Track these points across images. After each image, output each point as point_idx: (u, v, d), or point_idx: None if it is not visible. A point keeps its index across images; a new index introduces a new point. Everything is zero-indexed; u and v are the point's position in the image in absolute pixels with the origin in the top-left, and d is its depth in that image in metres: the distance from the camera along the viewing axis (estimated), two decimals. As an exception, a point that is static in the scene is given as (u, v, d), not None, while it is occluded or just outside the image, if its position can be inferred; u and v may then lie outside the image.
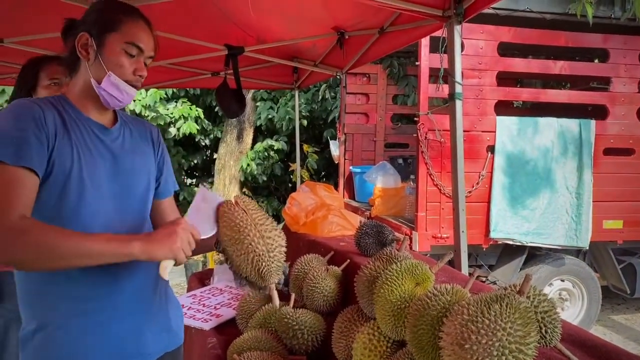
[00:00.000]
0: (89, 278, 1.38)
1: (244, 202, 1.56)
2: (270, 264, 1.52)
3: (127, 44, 1.41)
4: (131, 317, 1.48)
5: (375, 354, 1.56)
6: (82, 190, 1.37)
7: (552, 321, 1.28)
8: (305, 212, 3.05)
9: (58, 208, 1.34)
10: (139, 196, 1.55)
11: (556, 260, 4.80)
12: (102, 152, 1.45)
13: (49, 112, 1.36)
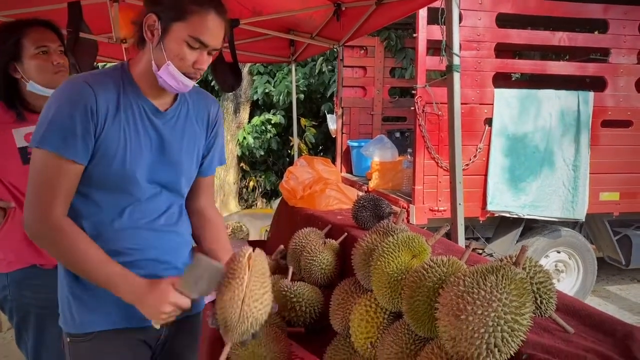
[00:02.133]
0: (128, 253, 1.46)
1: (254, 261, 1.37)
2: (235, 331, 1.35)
3: (190, 37, 1.35)
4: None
5: (372, 325, 1.58)
6: (123, 173, 1.41)
7: (548, 292, 1.29)
8: (302, 186, 3.06)
9: (97, 182, 1.41)
10: (180, 178, 1.54)
11: (552, 232, 4.82)
12: (150, 135, 1.45)
13: (103, 95, 1.36)
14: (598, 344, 1.22)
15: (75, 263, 1.37)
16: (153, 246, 1.50)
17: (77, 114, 1.32)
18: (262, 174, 9.56)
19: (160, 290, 1.33)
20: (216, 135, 1.64)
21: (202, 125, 1.59)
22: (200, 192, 1.67)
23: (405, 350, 1.41)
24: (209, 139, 1.62)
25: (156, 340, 1.57)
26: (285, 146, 9.38)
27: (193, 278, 1.34)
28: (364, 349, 1.58)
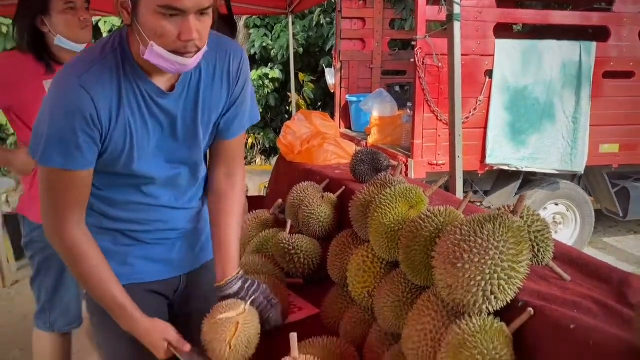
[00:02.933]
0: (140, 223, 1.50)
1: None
2: None
3: (159, 6, 1.14)
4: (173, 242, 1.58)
5: (369, 274, 1.59)
6: (131, 169, 1.37)
7: (545, 240, 1.29)
8: (300, 140, 3.03)
9: (105, 172, 1.37)
10: (197, 152, 1.47)
11: (551, 184, 4.83)
12: (159, 119, 1.36)
13: (102, 98, 1.24)
14: (594, 290, 1.23)
15: (81, 281, 1.40)
16: (163, 220, 1.52)
17: (77, 126, 1.22)
18: (261, 131, 9.51)
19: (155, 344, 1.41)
20: (242, 90, 1.47)
21: (223, 83, 1.43)
22: (217, 153, 1.56)
23: (402, 299, 1.42)
24: (231, 97, 1.46)
25: (173, 291, 1.60)
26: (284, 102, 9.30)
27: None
28: (361, 298, 1.60)
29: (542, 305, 1.13)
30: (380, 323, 1.50)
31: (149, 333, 1.40)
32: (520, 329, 1.13)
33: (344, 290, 1.81)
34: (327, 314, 1.85)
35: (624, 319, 1.08)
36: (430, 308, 1.27)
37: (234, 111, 1.48)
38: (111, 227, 1.47)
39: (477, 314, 1.15)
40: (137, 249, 1.50)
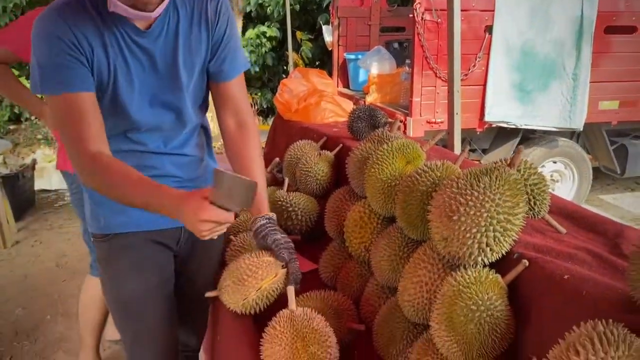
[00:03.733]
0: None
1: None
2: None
3: None
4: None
5: (366, 230, 1.60)
6: (116, 106, 1.39)
7: (541, 193, 1.29)
8: (297, 98, 3.00)
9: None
10: (181, 96, 1.47)
11: (549, 142, 4.81)
12: (139, 58, 1.38)
13: (79, 26, 1.28)
14: (589, 242, 1.24)
15: (115, 193, 1.35)
16: (154, 167, 1.53)
17: (61, 50, 1.27)
18: (258, 91, 9.40)
19: (193, 207, 1.22)
20: (224, 32, 1.48)
21: (202, 27, 1.45)
22: (222, 103, 1.57)
23: (398, 253, 1.43)
24: (213, 39, 1.48)
25: (176, 241, 1.63)
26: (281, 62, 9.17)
27: (225, 192, 1.21)
28: (358, 252, 1.61)
29: (537, 256, 1.14)
30: (376, 277, 1.52)
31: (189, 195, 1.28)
32: (515, 280, 1.14)
33: (341, 245, 1.83)
34: (324, 269, 1.87)
35: (617, 269, 1.09)
36: (426, 261, 1.28)
37: (221, 53, 1.50)
38: None
39: (473, 265, 1.16)
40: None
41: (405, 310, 1.31)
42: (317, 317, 1.32)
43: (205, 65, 1.50)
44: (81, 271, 3.74)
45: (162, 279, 1.60)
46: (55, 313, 3.31)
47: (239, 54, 1.56)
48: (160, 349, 1.63)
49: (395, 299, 1.40)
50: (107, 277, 1.59)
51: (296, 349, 1.24)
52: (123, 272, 1.56)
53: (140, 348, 1.62)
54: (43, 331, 3.12)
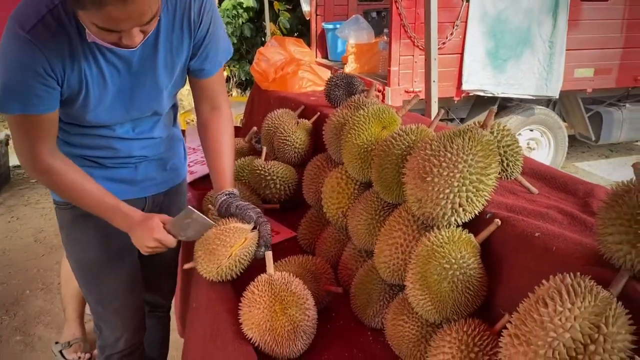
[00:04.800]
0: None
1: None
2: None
3: (94, 25, 1.12)
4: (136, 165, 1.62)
5: (343, 195, 1.61)
6: (85, 109, 1.38)
7: (514, 154, 1.31)
8: (274, 67, 2.96)
9: (67, 114, 1.40)
10: (159, 97, 1.48)
11: (526, 110, 4.87)
12: (115, 64, 1.34)
13: (53, 50, 1.22)
14: (560, 202, 1.26)
15: (72, 199, 1.45)
16: (121, 149, 1.55)
17: (32, 79, 1.23)
18: (236, 63, 9.26)
19: (149, 226, 1.40)
20: (207, 31, 1.45)
21: (184, 28, 1.41)
22: (200, 94, 1.60)
23: (375, 217, 1.45)
24: (195, 40, 1.45)
25: (141, 210, 1.61)
26: (259, 33, 9.02)
27: (182, 225, 1.44)
28: (335, 218, 1.63)
29: (509, 216, 1.16)
30: (354, 241, 1.54)
31: (147, 218, 1.44)
32: (487, 239, 1.16)
33: (319, 212, 1.84)
34: (303, 236, 1.88)
35: (587, 226, 1.12)
36: (401, 223, 1.30)
37: (202, 52, 1.48)
38: (72, 153, 1.48)
39: (446, 226, 1.18)
40: (100, 171, 1.52)
41: (381, 272, 1.34)
42: (295, 280, 1.33)
43: (186, 64, 1.49)
44: (59, 245, 3.71)
45: (126, 245, 1.61)
46: (35, 287, 3.29)
47: (221, 47, 1.54)
48: (126, 311, 1.68)
49: (372, 261, 1.42)
50: (70, 243, 1.62)
51: (274, 311, 1.25)
52: (86, 238, 1.58)
53: (104, 310, 1.67)
54: (23, 306, 3.10)
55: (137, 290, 1.71)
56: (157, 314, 1.96)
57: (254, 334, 1.25)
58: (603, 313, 0.81)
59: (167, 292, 1.95)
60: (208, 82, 1.58)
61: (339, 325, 1.47)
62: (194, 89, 1.61)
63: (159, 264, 1.82)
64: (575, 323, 0.81)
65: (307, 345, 1.30)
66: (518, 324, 0.86)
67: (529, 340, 0.83)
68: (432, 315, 1.14)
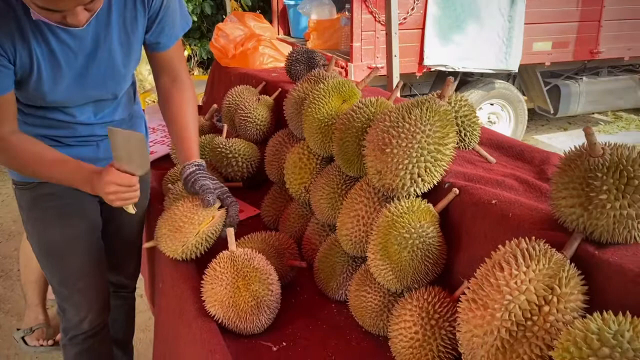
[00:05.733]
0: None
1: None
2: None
3: (38, 7, 1.11)
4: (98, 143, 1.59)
5: (306, 171, 1.60)
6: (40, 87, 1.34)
7: (472, 124, 1.32)
8: (233, 43, 2.91)
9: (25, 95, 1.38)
10: (116, 76, 1.45)
11: (487, 84, 4.93)
12: (67, 43, 1.31)
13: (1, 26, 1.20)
14: (517, 170, 1.29)
15: (33, 171, 1.40)
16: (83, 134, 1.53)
17: None
18: (197, 42, 9.06)
19: (101, 173, 1.35)
20: (160, 6, 1.43)
21: (137, 2, 1.39)
22: (158, 67, 1.58)
23: (337, 191, 1.45)
24: (150, 13, 1.43)
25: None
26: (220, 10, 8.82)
27: (123, 153, 1.34)
28: (298, 194, 1.62)
29: (466, 185, 1.18)
30: (317, 216, 1.54)
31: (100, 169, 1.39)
32: (446, 208, 1.18)
33: (282, 188, 1.83)
34: (266, 212, 1.87)
35: (542, 192, 1.14)
36: (362, 195, 1.30)
37: (158, 26, 1.46)
38: (31, 132, 1.44)
39: (406, 196, 1.19)
40: (61, 149, 1.48)
41: (343, 245, 1.34)
42: (257, 256, 1.32)
43: (142, 39, 1.47)
44: (16, 232, 3.62)
45: (88, 225, 1.59)
46: (-7, 276, 3.20)
47: (178, 19, 1.52)
48: (89, 291, 1.65)
49: (335, 235, 1.42)
50: (30, 223, 1.58)
51: (237, 287, 1.25)
52: (47, 219, 1.55)
53: (67, 290, 1.64)
54: (-19, 294, 3.01)
55: (101, 270, 1.68)
56: (121, 295, 1.93)
57: (217, 311, 1.24)
58: (557, 275, 0.84)
59: (131, 272, 1.93)
60: (166, 55, 1.55)
61: (304, 299, 1.47)
62: (153, 63, 1.58)
63: (121, 244, 1.80)
64: (530, 285, 0.83)
65: (271, 319, 1.30)
66: (475, 288, 0.88)
67: (486, 304, 0.85)
68: (393, 285, 1.15)
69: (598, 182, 0.84)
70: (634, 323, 0.74)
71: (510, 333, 0.82)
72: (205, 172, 1.51)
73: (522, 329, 0.82)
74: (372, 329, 1.27)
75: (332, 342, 1.28)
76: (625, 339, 0.71)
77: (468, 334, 0.87)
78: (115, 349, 1.92)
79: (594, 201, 0.85)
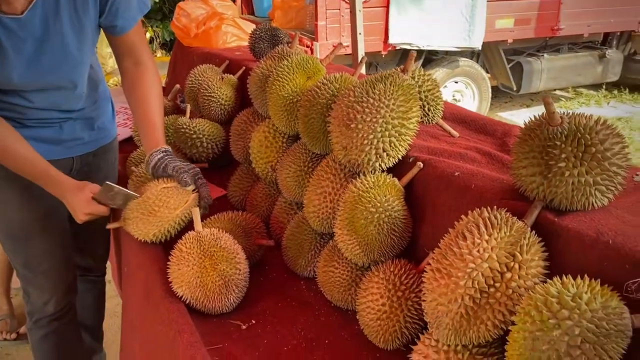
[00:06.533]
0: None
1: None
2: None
3: None
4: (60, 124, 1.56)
5: (272, 149, 1.59)
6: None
7: (435, 99, 1.33)
8: (195, 22, 2.85)
9: None
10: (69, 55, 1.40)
11: (451, 62, 4.97)
12: (12, 29, 1.26)
13: None
14: (480, 143, 1.30)
15: (4, 161, 1.39)
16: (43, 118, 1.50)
17: None
18: (159, 23, 8.86)
19: (80, 199, 1.39)
20: None
21: None
22: (120, 51, 1.55)
23: (304, 169, 1.44)
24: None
25: (68, 170, 1.59)
26: (181, -10, 8.63)
27: (108, 196, 1.42)
28: (265, 173, 1.61)
29: (430, 158, 1.19)
30: (284, 194, 1.53)
31: (79, 189, 1.41)
32: (411, 182, 1.19)
33: (249, 168, 1.82)
34: (233, 193, 1.86)
35: (504, 164, 1.16)
36: (328, 172, 1.30)
37: (111, 8, 1.42)
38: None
39: (371, 171, 1.19)
40: (24, 131, 1.44)
41: (311, 222, 1.34)
42: (224, 236, 1.31)
43: (96, 22, 1.42)
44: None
45: (52, 206, 1.56)
46: (-48, 267, 3.09)
47: (134, 1, 1.47)
48: (54, 273, 1.63)
49: (302, 213, 1.42)
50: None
51: (204, 267, 1.24)
52: (10, 199, 1.52)
53: (32, 273, 1.61)
54: (-60, 286, 2.91)
55: (67, 252, 1.65)
56: (90, 278, 1.90)
57: (185, 291, 1.23)
58: (518, 242, 0.85)
59: (100, 255, 1.89)
60: (126, 39, 1.52)
61: (272, 277, 1.47)
62: (114, 46, 1.55)
63: (88, 225, 1.75)
64: (492, 253, 0.84)
65: (239, 298, 1.30)
66: (439, 258, 0.89)
67: (449, 273, 0.86)
68: (360, 259, 1.16)
69: (557, 150, 0.86)
70: (592, 285, 0.77)
71: (473, 300, 0.84)
72: (174, 156, 1.50)
73: (485, 296, 0.84)
74: (340, 304, 1.28)
75: (302, 318, 1.28)
76: (583, 301, 0.74)
77: (433, 302, 0.88)
78: (85, 334, 1.90)
79: (553, 169, 0.86)
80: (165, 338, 1.17)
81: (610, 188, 0.88)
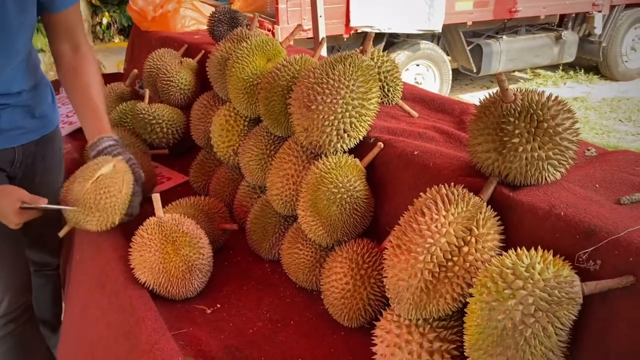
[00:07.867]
0: None
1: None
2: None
3: None
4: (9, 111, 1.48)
5: (233, 133, 1.58)
6: None
7: (394, 80, 1.34)
8: (152, 5, 2.78)
9: None
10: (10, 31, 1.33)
11: (412, 45, 5.01)
12: None
13: None
14: (438, 122, 1.32)
15: None
16: None
17: None
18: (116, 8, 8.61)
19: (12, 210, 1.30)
20: None
21: None
22: (56, 32, 1.47)
23: (266, 152, 1.44)
24: None
25: (10, 163, 1.52)
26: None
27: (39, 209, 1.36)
28: (227, 157, 1.60)
29: (390, 138, 1.20)
30: (247, 178, 1.52)
31: (4, 194, 1.32)
32: (372, 162, 1.20)
33: (210, 153, 1.80)
34: (195, 179, 1.84)
35: (461, 142, 1.18)
36: (290, 154, 1.30)
37: None
38: None
39: (333, 153, 1.20)
40: None
41: (274, 205, 1.34)
42: (186, 221, 1.30)
43: (30, 13, 1.36)
44: None
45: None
46: None
47: None
48: (6, 271, 1.55)
49: (266, 196, 1.42)
50: None
51: (167, 253, 1.23)
52: None
53: None
54: None
55: (19, 248, 1.59)
56: (45, 273, 1.84)
57: (147, 277, 1.22)
58: (474, 217, 0.88)
59: (54, 248, 1.84)
60: (64, 17, 1.45)
61: (237, 261, 1.47)
62: (50, 27, 1.48)
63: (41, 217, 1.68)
64: (449, 228, 0.86)
65: (204, 283, 1.30)
66: (399, 235, 0.91)
67: (409, 249, 0.88)
68: (324, 240, 1.17)
69: (510, 126, 0.88)
70: (545, 256, 0.80)
71: (432, 274, 0.86)
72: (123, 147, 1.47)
73: (443, 270, 0.86)
74: (305, 285, 1.29)
75: (267, 300, 1.29)
76: (537, 271, 0.76)
77: (394, 278, 0.90)
78: (44, 329, 1.84)
79: (507, 145, 0.89)
80: (125, 325, 1.15)
81: (562, 162, 0.90)
